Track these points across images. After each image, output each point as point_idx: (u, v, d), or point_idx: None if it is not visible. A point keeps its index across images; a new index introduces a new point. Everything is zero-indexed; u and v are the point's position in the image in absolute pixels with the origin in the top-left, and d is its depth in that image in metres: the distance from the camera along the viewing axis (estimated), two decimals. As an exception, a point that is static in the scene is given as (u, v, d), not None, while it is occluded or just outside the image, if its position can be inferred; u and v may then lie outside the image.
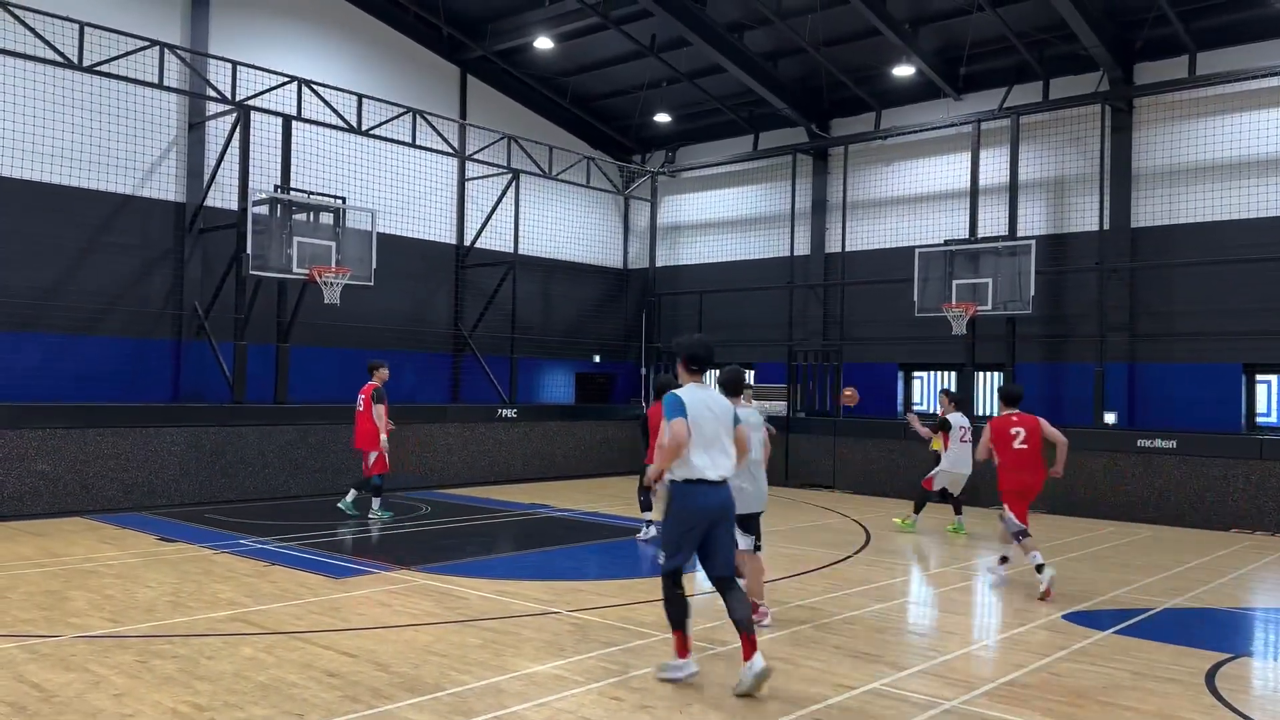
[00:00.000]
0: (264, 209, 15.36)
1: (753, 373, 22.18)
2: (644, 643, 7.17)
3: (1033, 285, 16.42)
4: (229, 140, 16.05)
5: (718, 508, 6.21)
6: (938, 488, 13.11)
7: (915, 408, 19.81)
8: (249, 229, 14.95)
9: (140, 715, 5.47)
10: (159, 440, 14.06)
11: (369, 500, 13.29)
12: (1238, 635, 8.32)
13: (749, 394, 19.07)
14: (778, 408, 20.26)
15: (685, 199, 23.71)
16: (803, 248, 21.20)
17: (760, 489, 7.71)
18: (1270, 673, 7.29)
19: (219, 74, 15.98)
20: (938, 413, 13.90)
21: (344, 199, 16.59)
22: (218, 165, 16.25)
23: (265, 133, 16.38)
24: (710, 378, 6.83)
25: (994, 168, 18.14)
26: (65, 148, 15.04)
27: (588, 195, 22.86)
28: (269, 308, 16.14)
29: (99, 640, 6.99)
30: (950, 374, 19.15)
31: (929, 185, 19.62)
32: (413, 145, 18.14)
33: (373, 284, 16.30)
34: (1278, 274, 15.44)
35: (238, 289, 15.56)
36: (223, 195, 16.42)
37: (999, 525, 9.84)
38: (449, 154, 19.51)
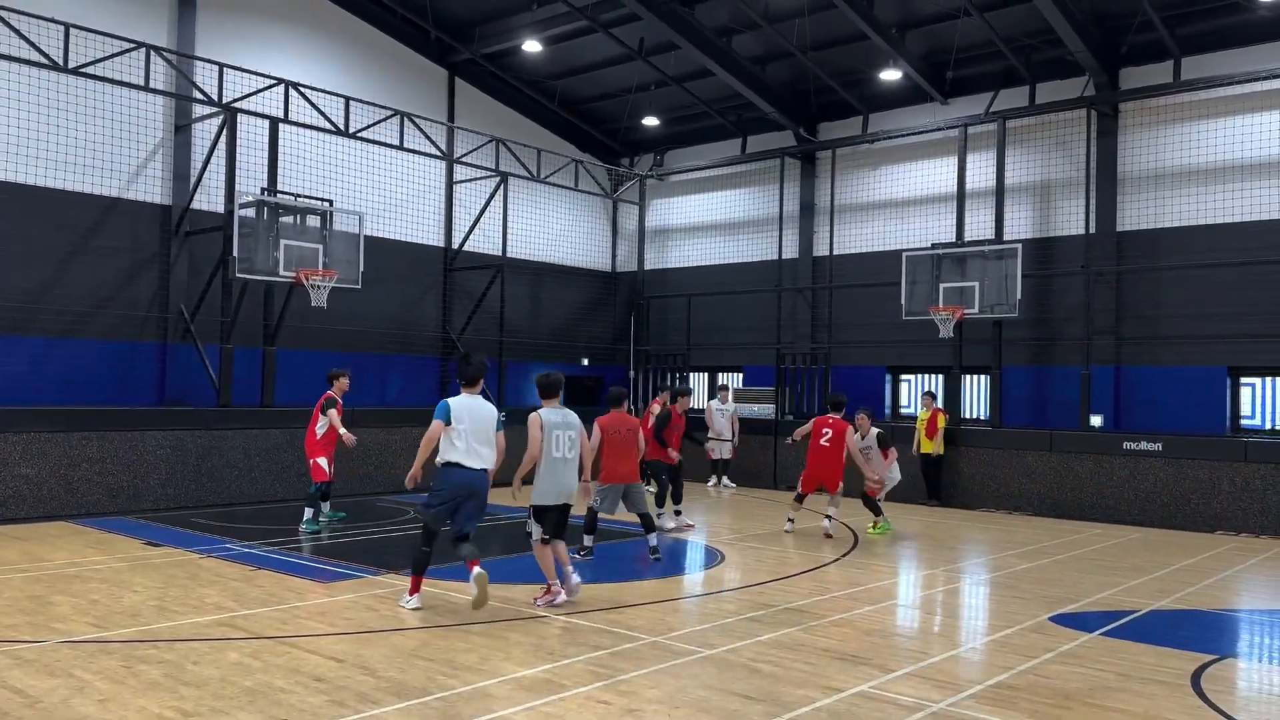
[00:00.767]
0: (251, 212, 15.32)
1: (740, 375, 22.24)
2: (632, 646, 7.16)
3: (1019, 288, 16.50)
4: (215, 143, 16.01)
5: (466, 485, 8.10)
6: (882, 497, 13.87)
7: (902, 409, 19.90)
8: (235, 232, 14.90)
9: (125, 721, 5.43)
10: (144, 444, 13.98)
11: (321, 508, 12.68)
12: (1223, 637, 8.37)
13: (725, 394, 19.19)
14: (766, 411, 20.28)
15: (674, 202, 23.74)
16: (791, 251, 21.24)
17: (557, 485, 8.59)
18: (1255, 674, 7.33)
19: (205, 76, 15.92)
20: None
21: (331, 202, 16.56)
22: (204, 168, 16.21)
23: (252, 135, 16.32)
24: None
25: (981, 171, 18.22)
26: (50, 150, 14.95)
27: (576, 198, 22.84)
28: (255, 311, 16.07)
29: (83, 645, 6.93)
30: (938, 377, 19.22)
31: (916, 189, 19.69)
32: (400, 148, 18.12)
33: (360, 287, 16.29)
34: (1262, 277, 15.56)
35: (224, 292, 15.50)
36: (209, 198, 16.36)
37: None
38: (437, 157, 19.46)
